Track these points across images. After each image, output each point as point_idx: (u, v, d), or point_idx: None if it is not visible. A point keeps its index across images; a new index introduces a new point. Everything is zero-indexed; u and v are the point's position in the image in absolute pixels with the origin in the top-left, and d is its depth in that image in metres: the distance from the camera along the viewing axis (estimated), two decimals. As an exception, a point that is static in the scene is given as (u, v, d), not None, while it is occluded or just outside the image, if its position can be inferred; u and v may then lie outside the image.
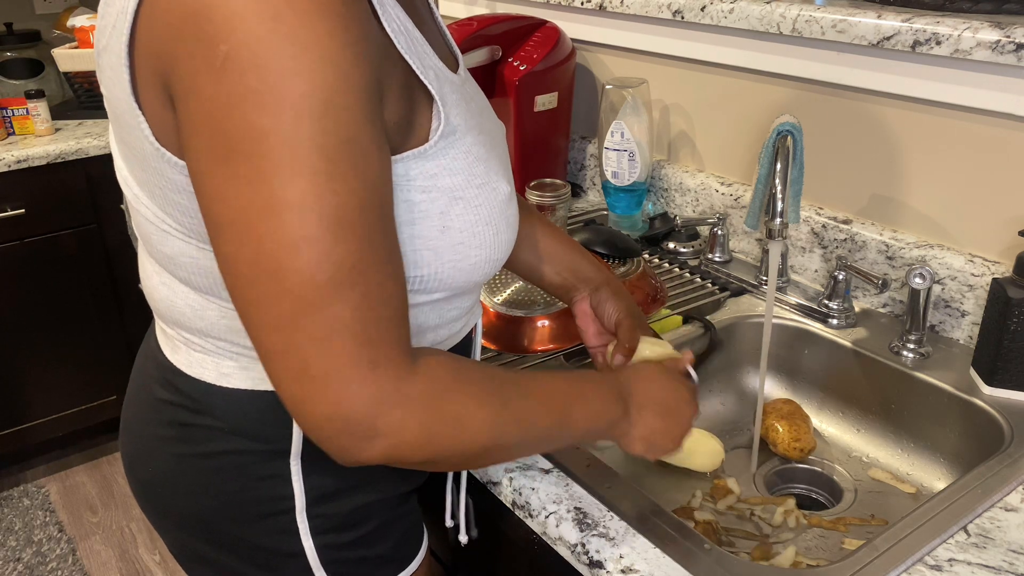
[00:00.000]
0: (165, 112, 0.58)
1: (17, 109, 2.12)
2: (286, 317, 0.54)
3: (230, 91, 0.52)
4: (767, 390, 1.17)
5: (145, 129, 0.60)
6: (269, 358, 0.57)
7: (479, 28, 1.41)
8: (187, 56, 0.53)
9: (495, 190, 0.68)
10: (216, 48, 0.51)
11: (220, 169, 0.54)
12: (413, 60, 0.62)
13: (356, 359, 0.55)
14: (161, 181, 0.63)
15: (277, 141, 0.52)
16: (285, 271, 0.54)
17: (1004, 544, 0.77)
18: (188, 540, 0.80)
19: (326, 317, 0.54)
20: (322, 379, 0.55)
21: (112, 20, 0.59)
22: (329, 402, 0.56)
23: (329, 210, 0.53)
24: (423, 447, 0.60)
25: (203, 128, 0.54)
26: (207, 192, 0.55)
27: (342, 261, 0.54)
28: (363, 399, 0.56)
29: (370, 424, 0.57)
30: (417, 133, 0.63)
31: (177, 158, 0.60)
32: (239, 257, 0.55)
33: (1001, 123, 1.03)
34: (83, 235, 2.19)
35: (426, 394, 0.59)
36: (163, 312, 0.74)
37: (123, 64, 0.59)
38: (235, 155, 0.53)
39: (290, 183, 0.52)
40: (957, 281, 1.08)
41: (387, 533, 0.81)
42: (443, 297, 0.71)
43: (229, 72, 0.51)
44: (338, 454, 0.59)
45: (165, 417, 0.76)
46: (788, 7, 1.17)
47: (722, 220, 1.33)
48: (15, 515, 2.26)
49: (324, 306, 0.54)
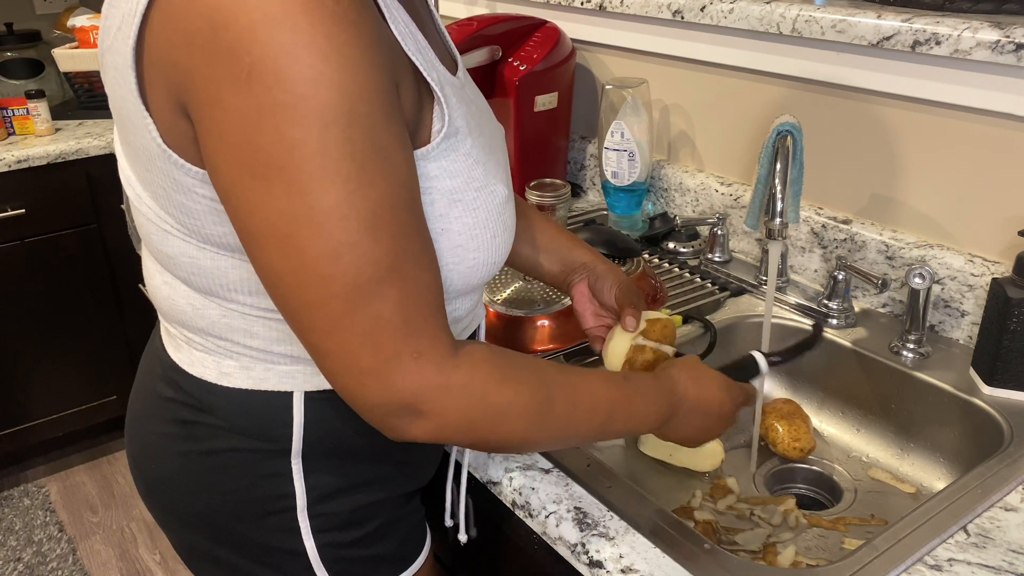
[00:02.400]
0: (175, 118, 0.59)
1: (17, 109, 2.12)
2: (334, 319, 0.58)
3: (259, 104, 0.53)
4: (767, 390, 1.17)
5: (152, 130, 0.60)
6: (322, 358, 0.60)
7: (479, 28, 1.41)
8: (206, 67, 0.54)
9: (493, 193, 0.69)
10: (239, 61, 0.52)
11: (254, 182, 0.55)
12: (420, 62, 0.62)
13: (400, 351, 0.59)
14: (166, 182, 0.63)
15: (309, 152, 0.54)
16: (329, 277, 0.56)
17: (1004, 544, 0.77)
18: (192, 538, 0.80)
19: (370, 315, 0.58)
20: (372, 372, 0.59)
21: (117, 22, 0.60)
22: (379, 392, 0.60)
23: (364, 214, 0.56)
24: (465, 432, 0.64)
25: (232, 141, 0.55)
26: (242, 205, 0.57)
27: (380, 261, 0.57)
28: (409, 387, 0.60)
29: (416, 408, 0.61)
30: (421, 134, 0.64)
31: (185, 161, 0.61)
32: (284, 268, 0.57)
33: (1001, 123, 1.03)
34: (83, 235, 2.19)
35: (468, 384, 0.62)
36: (166, 311, 0.74)
37: (129, 66, 0.59)
38: (268, 168, 0.54)
39: (325, 193, 0.54)
40: (957, 281, 1.08)
41: (390, 532, 0.82)
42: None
43: (255, 85, 0.52)
44: (388, 431, 0.63)
45: (169, 415, 0.77)
46: (788, 7, 1.17)
47: (722, 220, 1.33)
48: (15, 515, 2.26)
49: (368, 305, 0.57)
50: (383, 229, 0.57)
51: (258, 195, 0.55)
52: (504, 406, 0.64)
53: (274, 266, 0.58)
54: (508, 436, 0.66)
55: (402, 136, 0.59)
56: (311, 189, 0.54)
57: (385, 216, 0.57)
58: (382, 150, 0.56)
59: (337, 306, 0.57)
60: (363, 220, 0.56)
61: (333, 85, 0.53)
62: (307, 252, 0.56)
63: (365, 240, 0.56)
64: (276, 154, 0.54)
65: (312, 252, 0.56)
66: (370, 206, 0.56)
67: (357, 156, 0.55)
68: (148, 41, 0.57)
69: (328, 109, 0.53)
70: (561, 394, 0.69)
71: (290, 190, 0.54)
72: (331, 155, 0.54)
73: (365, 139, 0.55)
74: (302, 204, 0.55)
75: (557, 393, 0.69)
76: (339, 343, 0.58)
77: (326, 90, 0.53)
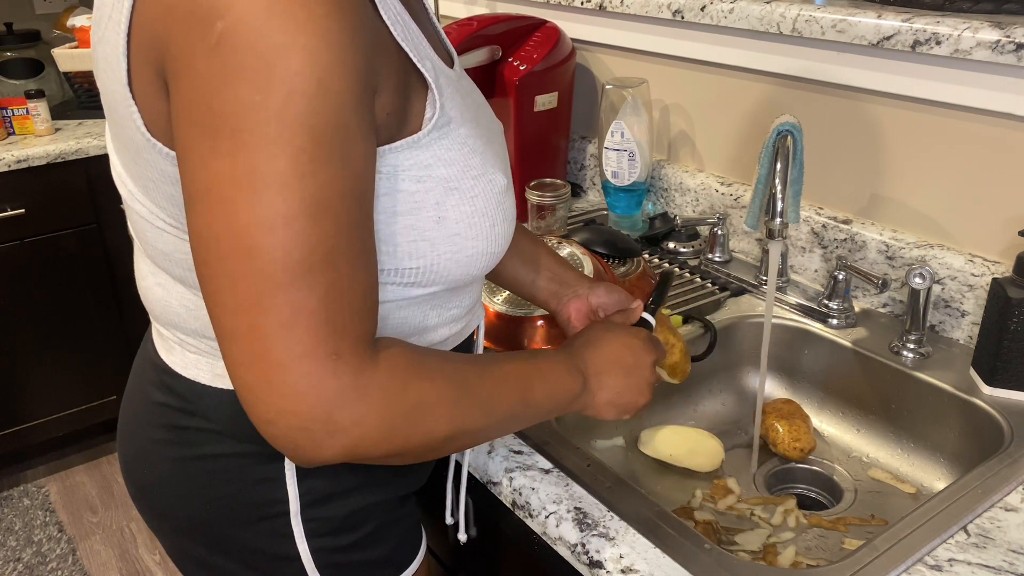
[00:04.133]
0: (158, 100, 0.58)
1: (17, 109, 2.12)
2: (252, 297, 0.53)
3: (223, 66, 0.51)
4: (767, 390, 1.17)
5: (137, 120, 0.60)
6: (229, 341, 0.55)
7: (479, 28, 1.41)
8: (182, 35, 0.52)
9: (491, 181, 0.68)
10: (212, 26, 0.51)
11: (204, 143, 0.52)
12: (410, 49, 0.62)
13: (318, 348, 0.54)
14: (154, 174, 0.62)
15: (265, 116, 0.51)
16: (257, 249, 0.52)
17: (1004, 544, 0.77)
18: (185, 543, 0.80)
19: (292, 300, 0.53)
20: (281, 366, 0.53)
21: (108, 12, 0.59)
22: (286, 392, 0.54)
23: (310, 191, 0.52)
24: (385, 441, 0.58)
25: (192, 105, 0.53)
26: (188, 164, 0.54)
27: (316, 245, 0.53)
28: (322, 390, 0.54)
29: (328, 418, 0.55)
30: (411, 123, 0.63)
31: (168, 148, 0.60)
32: (210, 231, 0.53)
33: (1001, 123, 1.03)
34: (83, 235, 2.19)
35: (385, 386, 0.58)
36: (158, 313, 0.74)
37: (120, 54, 0.58)
38: (221, 129, 0.52)
39: (273, 159, 0.51)
40: (957, 281, 1.08)
41: (384, 536, 0.81)
42: (440, 291, 0.71)
43: (223, 48, 0.51)
44: (294, 452, 0.56)
45: (161, 420, 0.76)
46: (788, 7, 1.17)
47: (722, 220, 1.33)
48: (15, 515, 2.26)
49: (292, 289, 0.53)
50: (326, 212, 0.53)
51: (203, 155, 0.52)
52: (421, 399, 0.60)
53: (200, 230, 0.54)
54: (432, 432, 0.61)
55: (367, 126, 0.57)
56: (258, 153, 0.51)
57: (331, 200, 0.53)
58: (344, 132, 0.54)
59: (258, 283, 0.53)
60: (306, 197, 0.52)
61: (305, 53, 0.51)
62: (239, 216, 0.52)
63: (304, 218, 0.52)
64: (231, 116, 0.51)
65: (244, 218, 0.52)
66: (318, 184, 0.52)
67: (316, 130, 0.52)
68: (136, 25, 0.57)
69: (295, 76, 0.51)
70: (473, 374, 0.65)
71: (237, 151, 0.51)
72: (288, 122, 0.51)
73: (328, 116, 0.52)
74: (245, 166, 0.51)
75: (469, 374, 0.65)
76: (250, 326, 0.53)
77: (296, 57, 0.51)
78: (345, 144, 0.54)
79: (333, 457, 0.57)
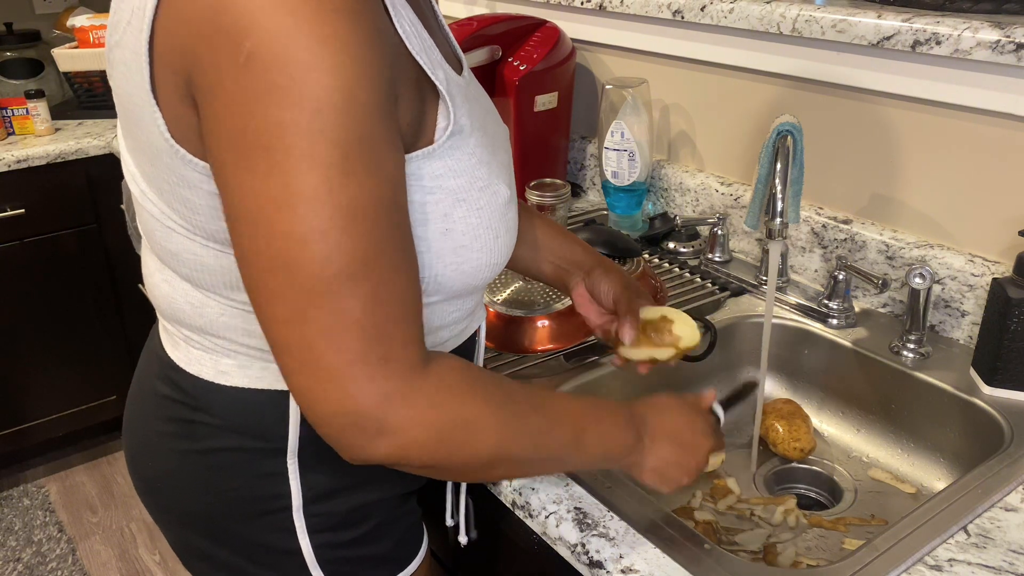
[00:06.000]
0: (183, 108, 0.59)
1: (17, 109, 2.12)
2: (297, 310, 0.55)
3: (254, 87, 0.52)
4: (767, 390, 1.17)
5: (161, 124, 0.60)
6: (281, 352, 0.57)
7: (479, 28, 1.41)
8: (209, 53, 0.54)
9: (496, 193, 0.69)
10: (240, 45, 0.52)
11: (240, 164, 0.54)
12: (423, 60, 0.62)
13: (366, 354, 0.56)
14: (171, 177, 0.63)
15: (296, 134, 0.53)
16: (295, 263, 0.54)
17: (1004, 544, 0.77)
18: (189, 536, 0.80)
19: (335, 311, 0.55)
20: (332, 373, 0.56)
21: (127, 16, 0.60)
22: (338, 397, 0.56)
23: (342, 203, 0.54)
24: (431, 449, 0.60)
25: (226, 124, 0.54)
26: (227, 187, 0.56)
27: (352, 255, 0.55)
28: (372, 394, 0.56)
29: (379, 420, 0.57)
30: (426, 133, 0.64)
31: (191, 155, 0.60)
32: (252, 250, 0.56)
33: (1001, 123, 1.03)
34: (83, 235, 2.19)
35: (437, 395, 0.59)
36: (164, 309, 0.74)
37: (142, 59, 0.59)
38: (254, 149, 0.53)
39: (304, 175, 0.53)
40: (957, 281, 1.08)
41: (386, 533, 0.81)
42: (441, 300, 0.71)
43: (252, 68, 0.52)
44: (346, 451, 0.59)
45: (166, 413, 0.77)
46: (788, 7, 1.17)
47: (722, 220, 1.33)
48: (15, 515, 2.26)
49: (333, 299, 0.55)
50: (359, 222, 0.55)
51: (241, 177, 0.54)
52: (472, 415, 0.61)
53: (243, 248, 0.56)
54: (478, 451, 0.62)
55: (395, 134, 0.58)
56: (290, 170, 0.53)
57: (364, 210, 0.55)
58: (372, 143, 0.55)
59: (300, 296, 0.55)
60: (338, 209, 0.54)
61: (331, 69, 0.52)
62: (275, 235, 0.54)
63: (336, 230, 0.54)
64: (264, 135, 0.53)
65: (280, 235, 0.54)
66: (350, 195, 0.54)
67: (345, 144, 0.53)
68: (158, 33, 0.57)
69: (324, 92, 0.52)
70: (528, 403, 0.66)
71: (271, 171, 0.53)
72: (317, 138, 0.53)
73: (357, 128, 0.54)
74: (279, 184, 0.53)
75: (524, 402, 0.66)
76: (298, 337, 0.56)
77: (324, 74, 0.52)
78: (375, 154, 0.55)
79: (383, 457, 0.59)
